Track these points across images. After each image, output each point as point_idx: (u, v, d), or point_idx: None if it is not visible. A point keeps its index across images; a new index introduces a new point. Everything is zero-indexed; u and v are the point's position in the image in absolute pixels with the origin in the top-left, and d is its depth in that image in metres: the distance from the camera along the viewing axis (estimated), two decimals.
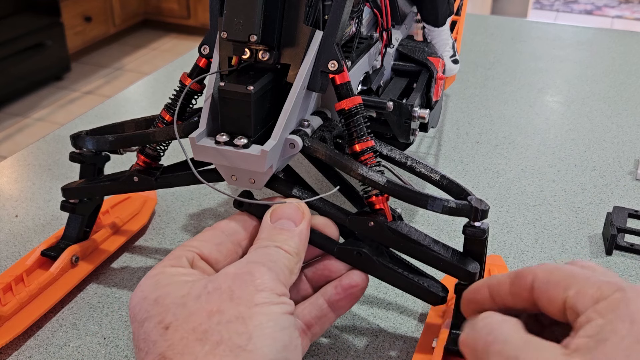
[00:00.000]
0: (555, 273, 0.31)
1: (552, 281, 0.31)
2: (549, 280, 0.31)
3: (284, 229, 0.38)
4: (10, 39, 2.70)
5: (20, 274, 0.48)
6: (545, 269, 0.32)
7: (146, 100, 0.89)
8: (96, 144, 0.48)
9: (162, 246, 0.56)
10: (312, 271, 0.41)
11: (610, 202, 0.63)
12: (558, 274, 0.31)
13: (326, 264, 0.41)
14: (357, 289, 0.40)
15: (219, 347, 0.31)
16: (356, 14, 0.45)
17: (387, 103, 0.47)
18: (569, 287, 0.30)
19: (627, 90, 0.90)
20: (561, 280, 0.30)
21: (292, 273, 0.36)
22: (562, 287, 0.30)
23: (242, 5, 0.38)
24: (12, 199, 0.63)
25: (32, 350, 0.45)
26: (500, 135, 0.76)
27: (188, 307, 0.33)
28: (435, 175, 0.42)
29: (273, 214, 0.39)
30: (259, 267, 0.34)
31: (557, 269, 0.31)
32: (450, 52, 0.61)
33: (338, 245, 0.41)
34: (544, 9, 4.37)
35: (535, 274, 0.32)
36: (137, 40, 3.62)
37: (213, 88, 0.40)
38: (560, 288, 0.30)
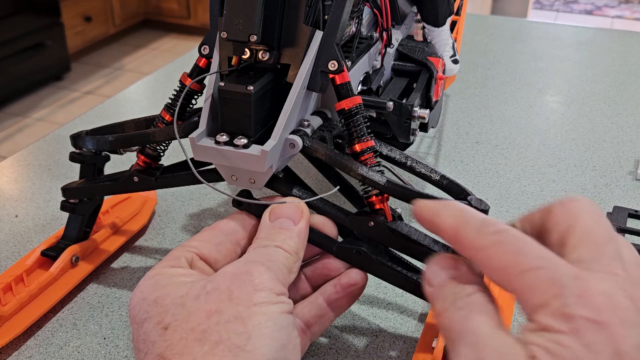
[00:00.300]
0: (495, 259, 0.28)
1: (493, 268, 0.28)
2: (489, 265, 0.28)
3: (283, 228, 0.38)
4: (10, 39, 2.70)
5: (20, 274, 0.48)
6: (484, 249, 0.29)
7: (146, 100, 0.89)
8: (96, 144, 0.48)
9: (162, 246, 0.56)
10: (311, 270, 0.41)
11: (610, 202, 0.63)
12: (498, 261, 0.28)
13: (325, 263, 0.41)
14: (357, 287, 0.40)
15: (217, 347, 0.31)
16: (356, 14, 0.45)
17: (387, 103, 0.47)
18: (511, 282, 0.27)
19: (627, 90, 0.90)
20: (501, 271, 0.28)
21: (291, 272, 0.36)
22: (505, 279, 0.28)
23: (242, 5, 0.38)
24: (12, 199, 0.63)
25: (32, 350, 0.45)
26: (500, 135, 0.76)
27: (187, 307, 0.33)
28: (435, 175, 0.42)
29: (272, 213, 0.39)
30: (257, 267, 0.34)
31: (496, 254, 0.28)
32: (450, 52, 0.61)
33: (337, 244, 0.41)
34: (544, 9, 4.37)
35: (475, 252, 0.29)
36: (137, 40, 3.62)
37: (213, 88, 0.40)
38: (503, 280, 0.28)
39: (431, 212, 0.32)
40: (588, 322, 0.25)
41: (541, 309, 0.26)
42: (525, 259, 0.27)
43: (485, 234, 0.29)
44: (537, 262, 0.27)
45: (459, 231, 0.30)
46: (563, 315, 0.25)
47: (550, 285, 0.26)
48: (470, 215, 0.30)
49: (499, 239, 0.28)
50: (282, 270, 0.35)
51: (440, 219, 0.31)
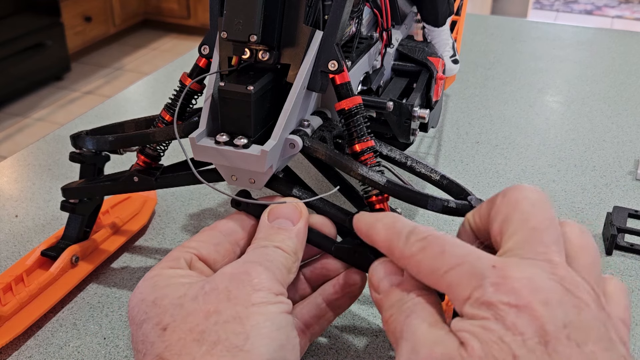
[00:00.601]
0: (423, 264, 0.30)
1: (422, 274, 0.30)
2: (418, 271, 0.30)
3: (282, 228, 0.38)
4: (10, 39, 2.70)
5: (20, 274, 0.48)
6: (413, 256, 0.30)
7: (146, 100, 0.89)
8: (96, 144, 0.48)
9: (162, 246, 0.56)
10: (310, 270, 0.41)
11: (610, 202, 0.63)
12: (425, 267, 0.30)
13: (324, 263, 0.41)
14: (356, 287, 0.40)
15: (216, 348, 0.31)
16: (356, 14, 0.45)
17: (387, 103, 0.47)
18: (438, 285, 0.29)
19: (627, 90, 0.90)
20: (429, 276, 0.29)
21: (290, 272, 0.36)
22: (433, 283, 0.29)
23: (242, 5, 0.38)
24: (12, 199, 0.63)
25: (32, 350, 0.45)
26: (500, 135, 0.76)
27: (185, 307, 0.33)
28: (435, 175, 0.42)
29: (270, 213, 0.39)
30: (255, 267, 0.34)
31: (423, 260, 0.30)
32: (450, 52, 0.61)
33: (336, 244, 0.41)
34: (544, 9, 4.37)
35: (405, 261, 0.31)
36: (137, 40, 3.62)
37: (213, 88, 0.40)
38: (432, 283, 0.29)
39: (367, 225, 0.34)
40: (508, 306, 0.26)
41: (466, 302, 0.27)
42: (447, 258, 0.29)
43: (412, 242, 0.31)
44: (458, 259, 0.28)
45: (391, 242, 0.32)
46: (484, 303, 0.27)
47: (470, 278, 0.27)
48: (400, 226, 0.32)
49: (423, 244, 0.30)
50: (281, 270, 0.35)
51: (375, 231, 0.33)
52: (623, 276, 0.53)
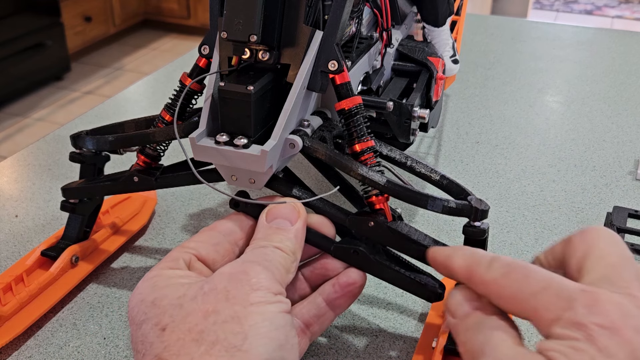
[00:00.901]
0: (506, 289, 0.30)
1: (505, 298, 0.30)
2: (500, 296, 0.31)
3: (280, 228, 0.38)
4: (10, 39, 2.70)
5: (20, 274, 0.48)
6: (495, 281, 0.31)
7: (146, 100, 0.89)
8: (96, 144, 0.48)
9: (162, 246, 0.56)
10: (310, 270, 0.41)
11: (610, 202, 0.63)
12: (508, 291, 0.30)
13: (323, 263, 0.41)
14: (355, 286, 0.40)
15: (214, 347, 0.31)
16: (356, 14, 0.45)
17: (387, 103, 0.47)
18: (522, 308, 0.29)
19: (627, 90, 0.90)
20: (512, 299, 0.30)
21: (289, 272, 0.36)
22: (516, 306, 0.30)
23: (242, 5, 0.38)
24: (12, 199, 0.63)
25: (32, 350, 0.45)
26: (500, 135, 0.76)
27: (184, 308, 0.33)
28: (435, 175, 0.42)
29: (269, 214, 0.39)
30: (254, 266, 0.34)
31: (506, 284, 0.30)
32: (450, 52, 0.61)
33: (335, 244, 0.41)
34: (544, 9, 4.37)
35: (486, 287, 0.31)
36: (137, 40, 3.62)
37: (213, 88, 0.40)
38: (515, 307, 0.30)
39: (444, 256, 0.35)
40: (600, 328, 0.26)
41: (554, 323, 0.28)
42: (533, 282, 0.29)
43: (495, 268, 0.31)
44: (544, 283, 0.29)
45: (471, 269, 0.32)
46: (575, 324, 0.27)
47: (559, 300, 0.28)
48: (480, 255, 0.33)
49: (507, 270, 0.31)
50: (280, 270, 0.35)
51: (453, 261, 0.34)
52: None
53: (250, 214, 0.40)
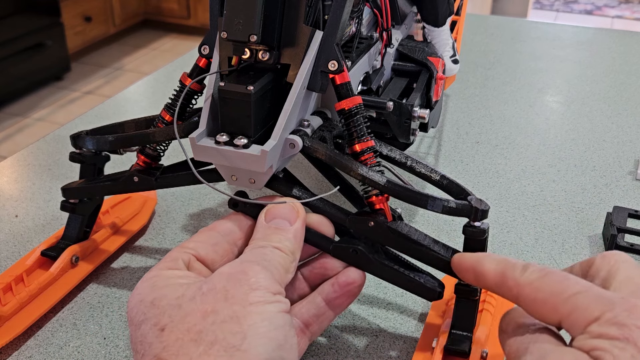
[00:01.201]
0: (542, 290, 0.31)
1: (540, 299, 0.31)
2: (535, 298, 0.31)
3: (279, 228, 0.38)
4: (10, 39, 2.70)
5: (20, 274, 0.48)
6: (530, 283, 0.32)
7: (146, 100, 0.89)
8: (96, 144, 0.48)
9: (162, 246, 0.56)
10: (309, 270, 0.41)
11: (610, 202, 0.63)
12: (544, 292, 0.31)
13: (322, 262, 0.41)
14: (354, 286, 0.40)
15: (213, 347, 0.31)
16: (356, 14, 0.45)
17: (387, 103, 0.47)
18: (559, 308, 0.30)
19: (627, 90, 0.90)
20: (549, 299, 0.31)
21: (288, 272, 0.36)
22: (551, 307, 0.31)
23: (242, 5, 0.38)
24: (12, 199, 0.63)
25: (32, 350, 0.45)
26: (500, 135, 0.76)
27: (183, 308, 0.33)
28: (435, 175, 0.42)
29: (267, 214, 0.39)
30: (253, 266, 0.34)
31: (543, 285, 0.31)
32: (450, 52, 0.61)
33: (334, 243, 0.41)
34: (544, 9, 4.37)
35: (520, 288, 0.32)
36: (137, 40, 3.62)
37: (213, 88, 0.40)
38: (550, 308, 0.31)
39: (474, 261, 0.36)
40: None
41: (593, 322, 0.29)
42: (572, 285, 0.31)
43: (531, 271, 0.32)
44: (583, 287, 0.30)
45: (505, 273, 0.33)
46: (616, 323, 0.28)
47: (598, 302, 0.29)
48: (514, 261, 0.34)
49: (544, 273, 0.32)
50: (279, 269, 0.35)
51: (484, 265, 0.35)
52: None
53: (249, 214, 0.40)
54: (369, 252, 0.41)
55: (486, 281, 0.35)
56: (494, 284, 0.34)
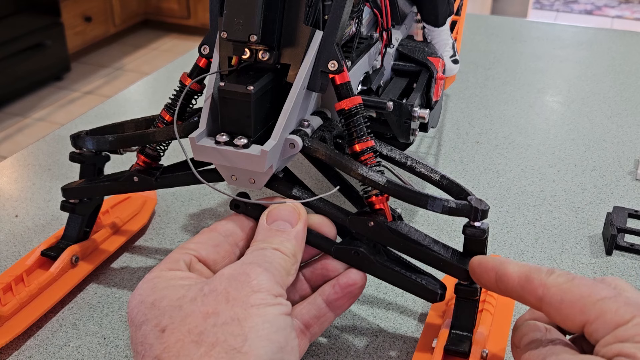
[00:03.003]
0: (570, 292, 0.31)
1: (567, 301, 0.31)
2: (562, 299, 0.32)
3: (280, 230, 0.38)
4: (10, 39, 2.70)
5: (20, 274, 0.48)
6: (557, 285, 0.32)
7: (146, 100, 0.89)
8: (96, 144, 0.48)
9: (162, 246, 0.56)
10: (310, 271, 0.41)
11: (610, 202, 0.63)
12: (573, 294, 0.31)
13: (324, 264, 0.41)
14: (355, 287, 0.40)
15: (214, 349, 0.31)
16: (356, 14, 0.45)
17: (387, 103, 0.47)
18: (586, 311, 0.31)
19: (627, 90, 0.90)
20: (577, 302, 0.31)
21: (289, 274, 0.36)
22: (579, 309, 0.31)
23: (242, 5, 0.38)
24: (12, 199, 0.63)
25: (32, 350, 0.45)
26: (500, 135, 0.76)
27: (184, 309, 0.32)
28: (435, 175, 0.42)
29: (269, 216, 0.39)
30: (254, 268, 0.34)
31: (571, 287, 0.32)
32: (450, 52, 0.61)
33: (335, 245, 0.41)
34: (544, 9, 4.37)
35: (547, 289, 0.32)
36: (137, 40, 3.62)
37: (213, 88, 0.40)
38: (576, 310, 0.31)
39: (496, 264, 0.36)
40: None
41: (621, 326, 0.29)
42: (600, 290, 0.31)
43: (558, 274, 0.33)
44: (611, 292, 0.31)
45: (530, 275, 0.34)
46: None
47: (629, 307, 0.30)
48: (538, 266, 0.34)
49: (571, 277, 0.32)
50: (280, 272, 0.35)
51: (507, 268, 0.35)
52: (623, 276, 0.53)
53: (250, 215, 0.40)
54: (370, 254, 0.41)
55: (509, 283, 0.35)
56: (517, 285, 0.34)
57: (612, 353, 0.28)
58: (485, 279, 0.37)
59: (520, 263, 0.35)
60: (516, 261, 0.36)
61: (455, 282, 0.41)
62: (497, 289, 0.36)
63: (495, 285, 0.36)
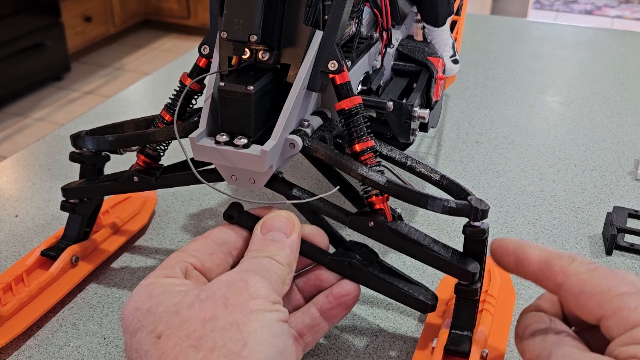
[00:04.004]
0: (590, 284, 0.31)
1: (586, 292, 0.31)
2: (582, 290, 0.31)
3: (275, 240, 0.38)
4: (10, 39, 2.70)
5: (20, 274, 0.48)
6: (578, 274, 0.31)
7: (146, 100, 0.89)
8: (96, 144, 0.48)
9: (162, 246, 0.56)
10: (304, 281, 0.41)
11: (610, 202, 0.63)
12: (592, 286, 0.31)
13: (317, 274, 0.41)
14: (349, 297, 0.40)
15: (213, 353, 0.30)
16: (356, 14, 0.45)
17: (387, 103, 0.47)
18: (604, 304, 0.30)
19: (627, 90, 0.90)
20: (596, 294, 0.30)
21: (284, 283, 0.36)
22: (597, 302, 0.30)
23: (242, 5, 0.38)
24: (12, 199, 0.63)
25: (32, 350, 0.45)
26: (500, 135, 0.76)
27: (181, 315, 0.32)
28: (435, 175, 0.42)
29: (263, 226, 0.38)
30: (252, 275, 0.34)
31: (592, 279, 0.31)
32: (450, 52, 0.61)
33: (329, 256, 0.41)
34: (544, 9, 4.37)
35: (567, 277, 0.32)
36: (137, 40, 3.62)
37: (213, 88, 0.40)
38: (594, 303, 0.30)
39: (516, 246, 0.35)
40: None
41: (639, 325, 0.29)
42: (621, 284, 0.30)
43: (580, 263, 0.32)
44: (632, 288, 0.30)
45: (550, 260, 0.33)
46: None
47: None
48: (559, 251, 0.34)
49: (593, 267, 0.31)
50: (277, 280, 0.35)
51: (528, 252, 0.34)
52: None
53: (244, 226, 0.40)
54: (363, 265, 0.40)
55: (529, 267, 0.34)
56: (537, 269, 0.33)
57: (627, 355, 0.28)
58: (505, 262, 0.36)
59: (541, 247, 0.34)
60: (537, 244, 0.35)
61: (455, 281, 0.41)
62: (516, 272, 0.35)
63: (514, 268, 0.35)
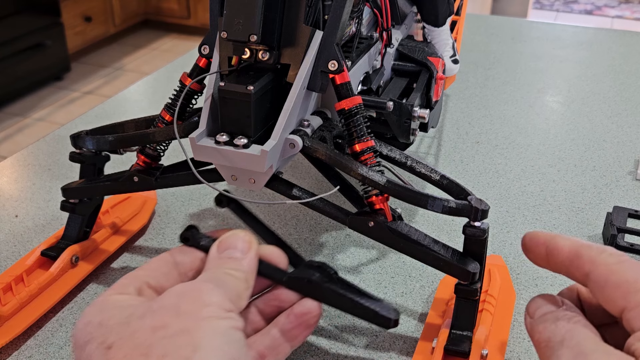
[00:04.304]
0: (616, 274, 0.31)
1: (612, 283, 0.31)
2: (607, 280, 0.31)
3: (232, 257, 0.37)
4: (10, 39, 2.70)
5: (20, 274, 0.48)
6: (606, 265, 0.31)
7: (146, 100, 0.89)
8: (96, 144, 0.48)
9: (162, 246, 0.56)
10: (264, 302, 0.40)
11: (610, 202, 0.63)
12: (618, 277, 0.31)
13: (277, 294, 0.40)
14: (311, 316, 0.39)
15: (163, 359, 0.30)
16: (356, 14, 0.45)
17: (387, 103, 0.47)
18: (628, 296, 0.30)
19: (627, 90, 0.90)
20: (621, 285, 0.30)
21: (240, 297, 0.35)
22: (621, 293, 0.30)
23: (242, 5, 0.38)
24: (12, 199, 0.63)
25: (32, 350, 0.45)
26: (500, 135, 0.76)
27: (132, 325, 0.32)
28: (435, 175, 0.42)
29: (220, 245, 0.38)
30: (206, 285, 0.34)
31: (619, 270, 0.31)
32: (450, 52, 0.61)
33: (287, 274, 0.39)
34: (544, 9, 4.37)
35: (595, 267, 0.32)
36: (137, 40, 3.62)
37: (213, 88, 0.40)
38: (619, 294, 0.30)
39: (548, 237, 0.35)
40: None
41: None
42: None
43: (609, 254, 0.32)
44: None
45: (580, 250, 0.33)
46: None
47: None
48: (590, 243, 0.34)
49: (623, 259, 0.31)
50: (232, 291, 0.35)
51: (558, 242, 0.35)
52: None
53: (200, 247, 0.39)
54: (323, 282, 0.39)
55: (559, 256, 0.34)
56: (567, 259, 0.34)
57: None
58: (536, 253, 0.36)
59: (572, 238, 0.35)
60: (567, 236, 0.35)
61: (455, 281, 0.41)
62: (546, 264, 0.35)
63: (545, 259, 0.35)
